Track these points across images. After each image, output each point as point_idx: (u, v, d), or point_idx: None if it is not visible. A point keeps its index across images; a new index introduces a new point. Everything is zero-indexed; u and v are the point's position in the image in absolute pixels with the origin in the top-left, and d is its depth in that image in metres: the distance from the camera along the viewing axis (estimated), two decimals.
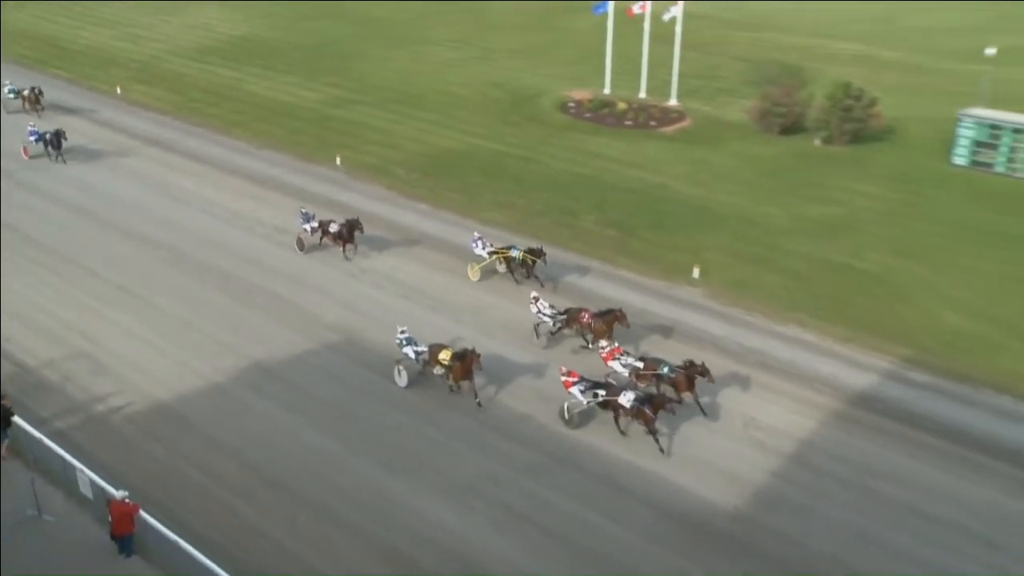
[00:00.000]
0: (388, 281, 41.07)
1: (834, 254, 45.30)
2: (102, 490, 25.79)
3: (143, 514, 24.91)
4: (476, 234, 42.54)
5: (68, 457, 27.16)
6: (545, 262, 40.59)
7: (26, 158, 55.10)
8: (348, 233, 42.67)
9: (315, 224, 43.24)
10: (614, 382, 32.11)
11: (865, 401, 33.67)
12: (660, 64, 67.41)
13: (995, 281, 42.94)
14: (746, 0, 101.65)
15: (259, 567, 25.03)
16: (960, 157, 58.72)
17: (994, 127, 57.59)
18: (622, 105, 66.01)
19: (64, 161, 54.63)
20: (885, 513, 28.16)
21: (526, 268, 41.03)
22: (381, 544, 26.32)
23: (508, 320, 37.94)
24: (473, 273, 41.45)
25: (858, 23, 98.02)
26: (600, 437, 30.96)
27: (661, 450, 30.02)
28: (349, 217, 43.23)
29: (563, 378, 31.66)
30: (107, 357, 35.27)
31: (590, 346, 35.77)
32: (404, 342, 33.66)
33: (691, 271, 42.63)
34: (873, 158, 59.75)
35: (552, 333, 36.60)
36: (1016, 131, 56.80)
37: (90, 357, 35.30)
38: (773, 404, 33.30)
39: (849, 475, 29.91)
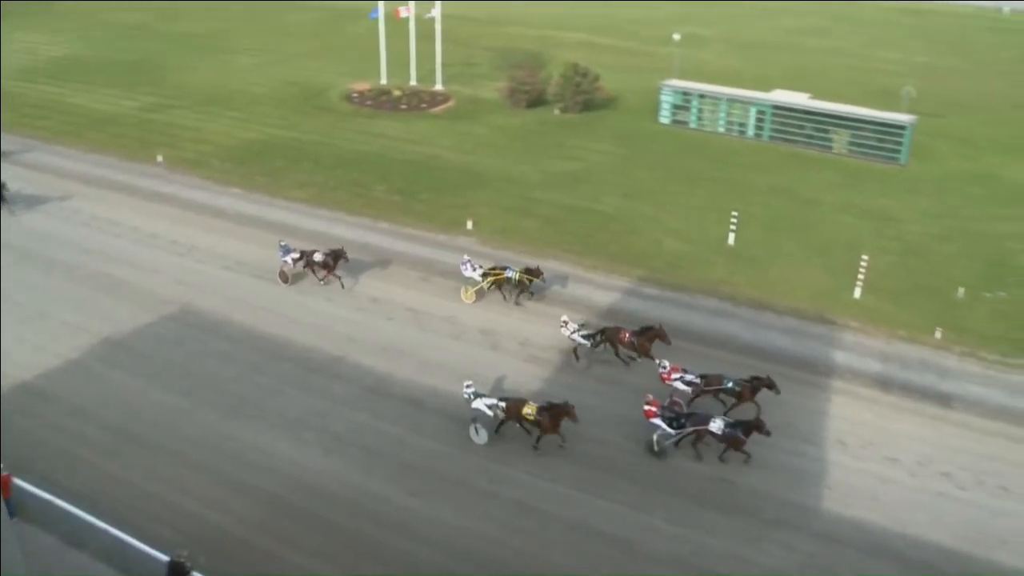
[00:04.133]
0: (211, 256, 39.06)
1: (577, 200, 46.00)
2: None
3: (17, 481, 23.00)
4: (465, 256, 36.14)
5: None
6: (544, 281, 35.12)
7: None
8: (333, 261, 36.02)
9: (296, 255, 36.33)
10: (678, 404, 27.58)
11: (611, 314, 34.38)
12: (426, 56, 66.71)
13: (700, 212, 44.62)
14: (491, 0, 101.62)
15: (124, 511, 23.48)
16: (664, 118, 60.85)
17: (686, 94, 60.11)
18: (397, 92, 65.14)
19: None
20: (639, 401, 28.51)
21: (521, 288, 35.21)
22: (229, 478, 25.21)
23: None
24: (467, 296, 35.15)
25: (581, 17, 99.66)
26: (403, 368, 30.54)
27: (747, 459, 25.89)
28: (334, 247, 36.50)
29: (645, 407, 26.56)
30: None
31: (627, 362, 30.94)
32: (473, 396, 27.17)
33: (465, 223, 42.45)
34: (601, 122, 61.03)
35: (592, 350, 31.05)
36: (701, 96, 59.67)
37: None
38: (541, 325, 33.62)
39: (606, 374, 30.59)
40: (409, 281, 36.57)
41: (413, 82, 67.37)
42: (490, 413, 26.60)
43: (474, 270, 35.28)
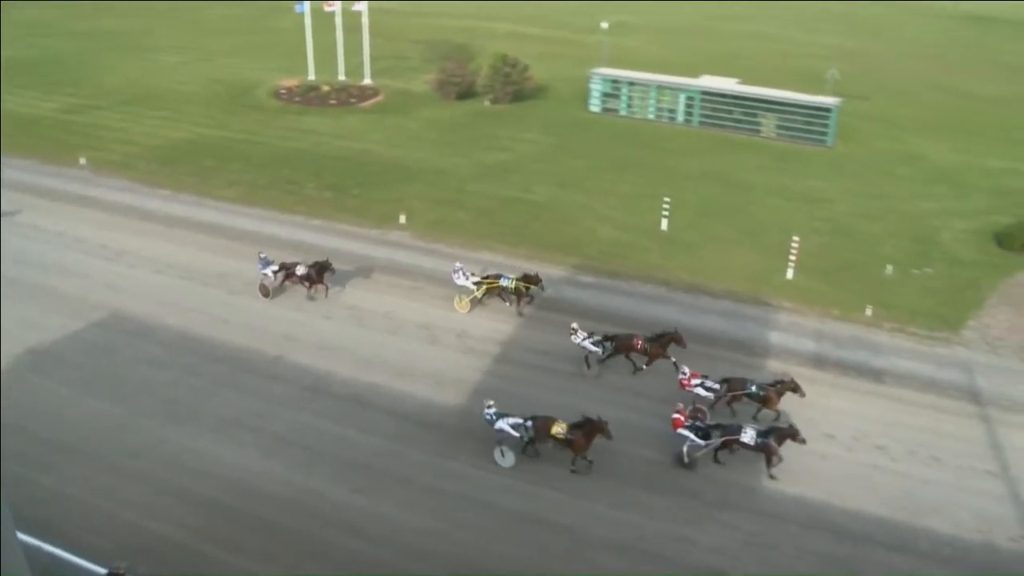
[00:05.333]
0: (141, 260, 38.19)
1: (509, 191, 46.15)
2: None
3: None
4: (457, 264, 34.69)
5: None
6: (543, 288, 34.00)
7: None
8: (317, 274, 34.42)
9: (276, 267, 34.73)
10: (699, 414, 26.62)
11: (549, 303, 34.56)
12: (354, 50, 66.48)
13: (632, 199, 45.10)
14: None
15: (60, 525, 22.95)
16: (594, 106, 61.42)
17: (615, 82, 60.75)
18: (326, 88, 64.67)
19: None
20: (577, 389, 29.10)
21: (519, 296, 33.97)
22: (168, 485, 24.67)
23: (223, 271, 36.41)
24: (462, 306, 33.99)
25: (508, 7, 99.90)
26: (342, 365, 30.35)
27: (772, 476, 25.11)
28: (318, 259, 34.78)
29: (674, 416, 25.73)
30: None
31: (644, 368, 30.05)
32: (495, 416, 25.53)
33: (398, 218, 42.30)
34: (531, 112, 61.37)
35: (601, 362, 30.06)
36: (631, 84, 60.40)
37: None
38: (480, 317, 33.67)
39: (545, 363, 30.74)
40: (344, 278, 36.29)
41: (342, 77, 66.93)
42: (516, 433, 25.25)
43: (466, 278, 34.08)
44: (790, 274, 36.97)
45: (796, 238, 37.19)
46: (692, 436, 25.20)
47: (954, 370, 31.15)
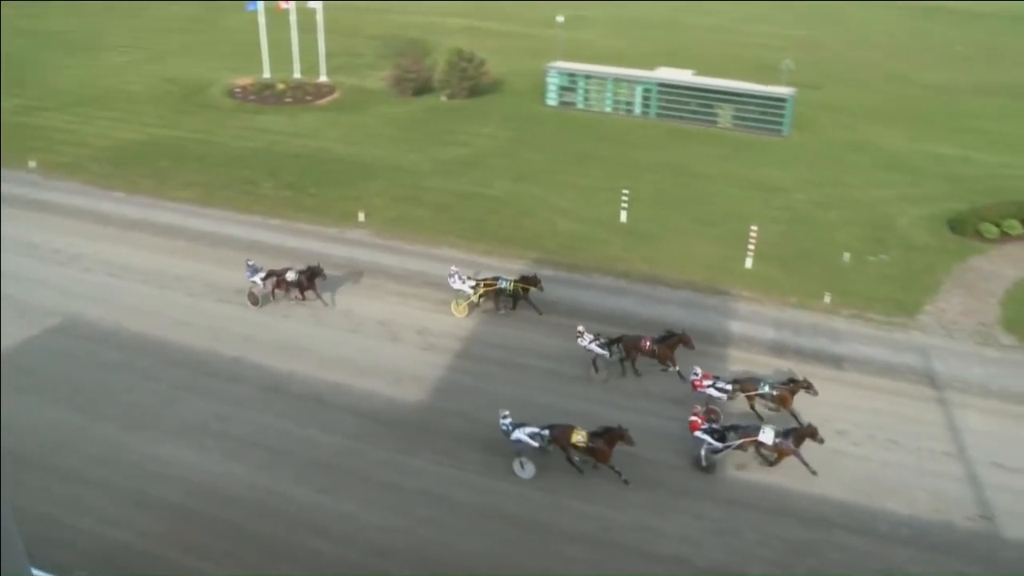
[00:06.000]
0: (96, 264, 37.61)
1: (468, 186, 46.15)
2: None
3: None
4: (453, 268, 33.84)
5: None
6: (542, 289, 33.30)
7: None
8: (308, 280, 33.71)
9: (264, 274, 33.65)
10: (710, 418, 26.15)
11: (508, 297, 34.56)
12: (309, 48, 65.99)
13: (591, 192, 45.31)
14: None
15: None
16: (551, 100, 61.58)
17: (572, 75, 60.97)
18: (281, 86, 64.12)
19: None
20: (532, 381, 29.29)
21: (516, 298, 33.42)
22: (129, 492, 24.40)
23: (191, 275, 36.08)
24: (459, 311, 33.25)
25: (462, 3, 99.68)
26: (303, 365, 30.19)
27: (813, 472, 24.89)
28: (310, 264, 34.16)
29: (691, 419, 25.33)
30: None
31: (640, 373, 29.72)
32: (511, 427, 24.89)
33: (357, 216, 42.14)
34: (488, 107, 61.41)
35: (610, 362, 29.60)
36: (587, 77, 60.62)
37: None
38: (440, 314, 33.65)
39: (504, 357, 30.80)
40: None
41: (297, 74, 66.48)
42: (534, 443, 24.66)
43: (463, 282, 33.29)
44: (749, 263, 37.35)
45: (754, 227, 37.58)
46: (709, 439, 24.94)
47: (911, 354, 31.67)
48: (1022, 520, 23.85)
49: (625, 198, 41.60)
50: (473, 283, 33.38)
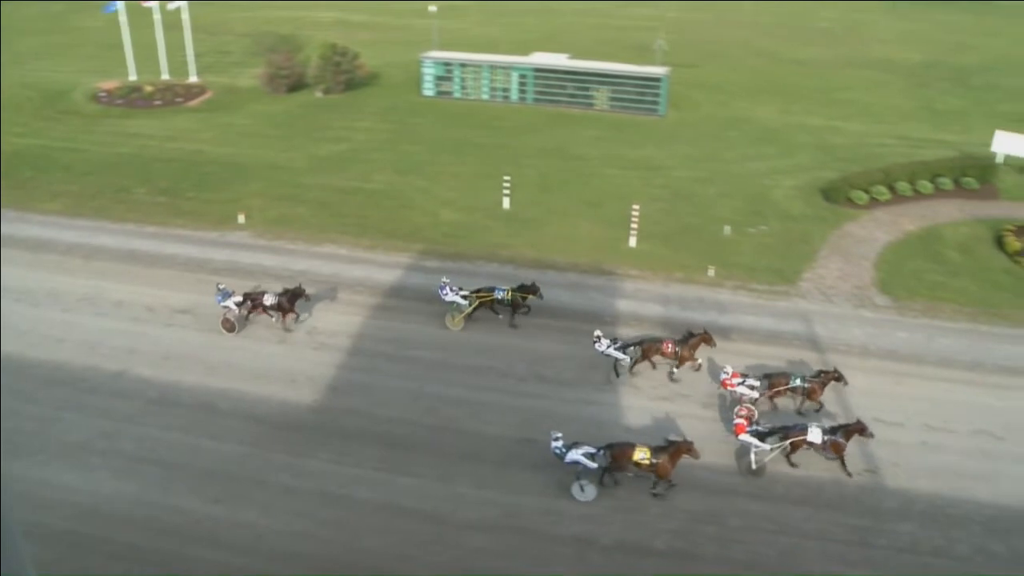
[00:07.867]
0: None
1: (348, 181, 45.74)
2: None
3: None
4: (444, 280, 32.35)
5: None
6: (541, 296, 32.26)
7: None
8: (289, 302, 31.55)
9: (239, 299, 31.59)
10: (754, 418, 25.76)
11: (395, 292, 34.60)
12: (176, 48, 64.31)
13: (473, 180, 45.46)
14: None
15: None
16: (428, 89, 61.49)
17: (447, 65, 60.97)
18: (149, 88, 62.21)
19: None
20: (426, 373, 29.26)
21: (515, 307, 32.21)
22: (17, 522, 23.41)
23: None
24: (455, 323, 32.01)
25: None
26: (189, 374, 29.45)
27: (849, 474, 24.71)
28: (288, 286, 32.14)
29: (737, 421, 25.07)
30: None
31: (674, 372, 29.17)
32: (564, 449, 23.66)
33: (236, 218, 41.29)
34: (364, 100, 60.90)
35: (632, 367, 29.18)
36: (463, 66, 60.71)
37: None
38: (328, 312, 33.30)
39: (394, 351, 30.68)
40: (184, 284, 35.16)
41: (165, 76, 64.69)
42: (592, 464, 23.60)
43: (455, 293, 31.99)
44: (633, 242, 38.06)
45: (636, 206, 38.30)
46: (756, 442, 24.63)
47: (795, 320, 32.85)
48: (902, 471, 25.03)
49: (507, 184, 41.87)
50: (466, 294, 32.24)
